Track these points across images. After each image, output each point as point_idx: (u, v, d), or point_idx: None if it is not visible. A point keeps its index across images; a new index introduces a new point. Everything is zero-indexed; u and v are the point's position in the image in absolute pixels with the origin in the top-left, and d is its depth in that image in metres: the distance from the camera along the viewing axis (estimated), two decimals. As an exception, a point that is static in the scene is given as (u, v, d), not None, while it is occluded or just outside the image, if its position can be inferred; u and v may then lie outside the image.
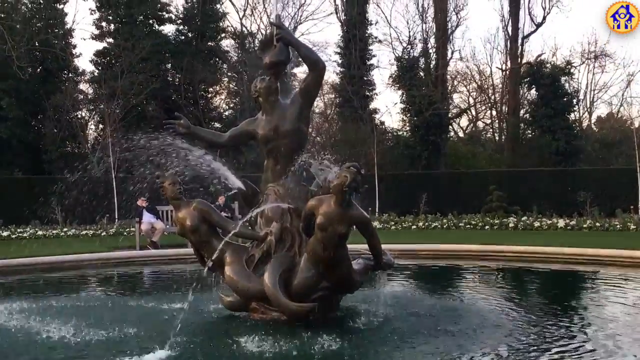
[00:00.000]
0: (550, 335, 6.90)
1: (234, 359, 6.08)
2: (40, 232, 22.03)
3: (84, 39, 37.88)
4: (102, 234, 21.81)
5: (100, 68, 35.73)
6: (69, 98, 32.28)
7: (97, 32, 36.73)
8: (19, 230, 22.42)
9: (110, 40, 36.10)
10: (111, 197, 24.90)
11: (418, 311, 8.01)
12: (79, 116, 34.84)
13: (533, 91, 36.84)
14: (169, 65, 37.93)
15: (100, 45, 36.61)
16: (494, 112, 45.72)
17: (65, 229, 22.42)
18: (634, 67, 45.32)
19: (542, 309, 8.37)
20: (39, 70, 35.05)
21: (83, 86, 37.07)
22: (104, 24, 36.66)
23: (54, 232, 22.14)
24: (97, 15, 36.59)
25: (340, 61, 39.53)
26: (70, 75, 36.25)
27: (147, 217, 18.46)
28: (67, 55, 34.91)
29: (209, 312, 8.02)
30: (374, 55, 40.42)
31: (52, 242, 19.48)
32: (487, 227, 22.17)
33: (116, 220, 24.39)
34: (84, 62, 47.92)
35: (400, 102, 37.57)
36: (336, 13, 41.10)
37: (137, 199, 18.47)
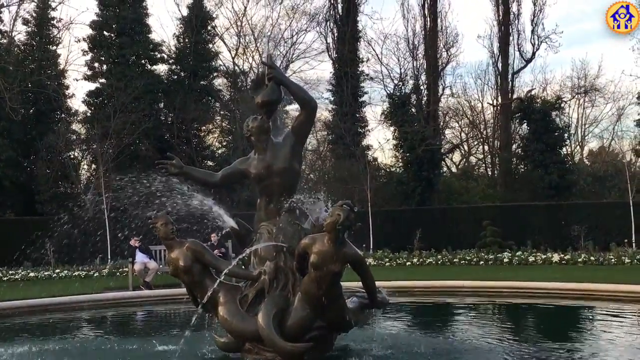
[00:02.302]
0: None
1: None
2: (32, 274, 21.81)
3: (77, 80, 37.94)
4: (95, 275, 21.61)
5: (92, 108, 35.69)
6: (62, 138, 32.22)
7: (89, 72, 36.80)
8: (10, 272, 22.20)
9: (103, 80, 36.12)
10: (104, 237, 24.74)
11: (414, 350, 7.92)
12: (72, 156, 34.72)
13: (524, 126, 36.99)
14: (162, 105, 37.96)
15: (92, 86, 36.64)
16: (486, 147, 45.86)
17: (57, 270, 22.20)
18: (624, 101, 45.46)
19: (542, 347, 8.28)
20: (31, 111, 35.03)
21: (75, 126, 37.01)
22: (96, 64, 36.74)
23: (46, 273, 21.92)
24: (89, 56, 36.75)
25: (332, 98, 39.78)
26: (62, 115, 36.22)
27: (140, 257, 18.33)
28: (59, 96, 34.95)
29: (202, 353, 7.91)
30: (365, 92, 40.74)
31: (44, 284, 19.30)
32: (481, 262, 22.08)
33: (109, 260, 24.20)
34: (77, 102, 48.24)
35: (393, 139, 37.72)
36: (327, 51, 41.48)
37: (130, 238, 18.35)
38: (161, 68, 38.74)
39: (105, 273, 21.82)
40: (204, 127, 39.71)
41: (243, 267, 7.69)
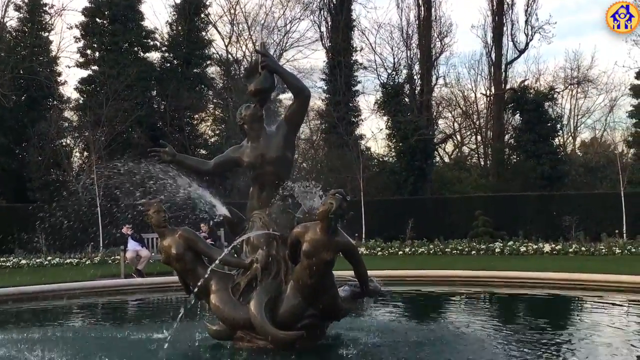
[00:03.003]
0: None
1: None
2: (23, 261, 21.78)
3: (69, 67, 38.02)
4: (87, 263, 21.59)
5: (85, 95, 35.62)
6: (54, 125, 32.13)
7: (82, 59, 36.71)
8: (2, 259, 22.17)
9: (95, 67, 36.02)
10: (96, 225, 24.69)
11: (405, 339, 7.95)
12: (64, 144, 34.63)
13: (517, 116, 37.11)
14: (155, 93, 37.88)
15: (85, 73, 36.58)
16: (479, 138, 45.99)
17: (49, 258, 22.18)
18: (616, 93, 45.67)
19: (532, 336, 8.31)
20: (23, 98, 34.91)
21: (68, 114, 36.96)
22: (88, 51, 36.63)
23: (38, 260, 21.90)
24: (82, 43, 36.60)
25: (325, 87, 39.76)
26: (55, 102, 36.12)
27: (133, 245, 18.33)
28: (51, 82, 34.83)
29: (194, 341, 7.92)
30: (359, 82, 40.71)
31: (36, 271, 19.26)
32: (473, 252, 22.17)
33: (101, 248, 24.17)
34: (69, 89, 48.19)
35: (386, 128, 37.73)
36: (321, 40, 41.41)
37: (122, 226, 18.33)
38: (154, 56, 38.71)
39: (97, 261, 21.82)
40: (197, 115, 39.65)
41: (235, 255, 7.69)
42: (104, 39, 35.75)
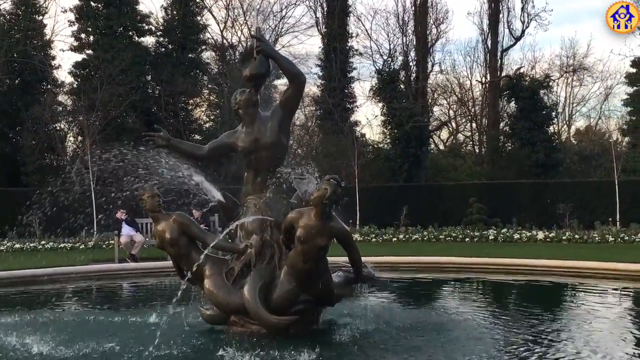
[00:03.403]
0: (536, 349, 6.89)
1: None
2: (17, 245, 21.75)
3: (63, 51, 37.72)
4: (81, 247, 21.58)
5: (79, 80, 35.40)
6: (48, 110, 31.99)
7: (76, 43, 36.45)
8: (-5, 243, 22.15)
9: (90, 51, 35.79)
10: (90, 210, 24.64)
11: (399, 324, 7.97)
12: (58, 128, 34.51)
13: (512, 104, 37.05)
14: (149, 77, 37.66)
15: (79, 57, 36.31)
16: (474, 125, 45.94)
17: (43, 242, 22.15)
18: (612, 81, 45.73)
19: (526, 322, 8.35)
20: (17, 81, 34.72)
21: (62, 98, 36.74)
22: (83, 35, 36.36)
23: (32, 245, 21.87)
24: (76, 26, 36.35)
25: (320, 73, 39.60)
26: (49, 86, 35.95)
27: (127, 230, 18.32)
28: (45, 66, 34.66)
29: (188, 325, 7.93)
30: (354, 68, 40.57)
31: (30, 255, 19.24)
32: (467, 239, 22.20)
33: (95, 233, 24.13)
34: (63, 73, 48.04)
35: (381, 115, 37.69)
36: (317, 26, 41.28)
37: (116, 211, 18.29)
38: (149, 40, 38.48)
39: (91, 245, 21.81)
40: (192, 101, 39.53)
41: (230, 240, 7.69)
42: (99, 23, 35.50)
